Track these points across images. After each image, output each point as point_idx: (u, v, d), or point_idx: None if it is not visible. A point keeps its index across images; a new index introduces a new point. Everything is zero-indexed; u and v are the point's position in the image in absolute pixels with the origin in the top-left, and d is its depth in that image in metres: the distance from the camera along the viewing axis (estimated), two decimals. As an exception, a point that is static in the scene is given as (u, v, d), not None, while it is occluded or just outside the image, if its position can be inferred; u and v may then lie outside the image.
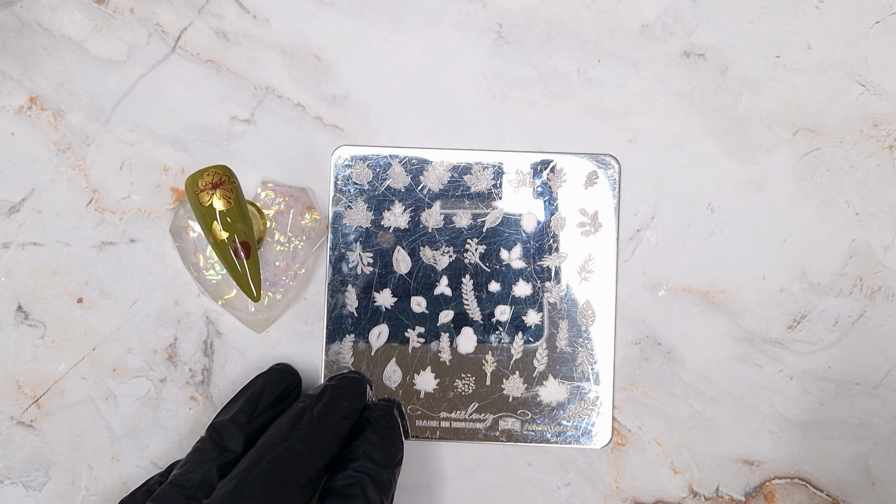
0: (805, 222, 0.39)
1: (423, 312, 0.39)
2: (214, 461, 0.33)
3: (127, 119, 0.39)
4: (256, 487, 0.31)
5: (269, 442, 0.32)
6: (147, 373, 0.38)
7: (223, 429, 0.34)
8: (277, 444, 0.32)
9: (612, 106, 0.39)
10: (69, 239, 0.38)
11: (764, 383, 0.39)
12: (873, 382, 0.39)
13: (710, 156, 0.39)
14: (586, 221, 0.39)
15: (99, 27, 0.39)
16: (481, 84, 0.39)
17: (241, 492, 0.30)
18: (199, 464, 0.33)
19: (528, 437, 0.38)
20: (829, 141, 0.39)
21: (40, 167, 0.38)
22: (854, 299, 0.39)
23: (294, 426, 0.33)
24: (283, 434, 0.33)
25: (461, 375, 0.39)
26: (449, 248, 0.39)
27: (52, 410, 0.38)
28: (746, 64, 0.39)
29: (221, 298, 0.38)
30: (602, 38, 0.39)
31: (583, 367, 0.39)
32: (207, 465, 0.32)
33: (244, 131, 0.39)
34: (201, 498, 0.31)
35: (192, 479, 0.32)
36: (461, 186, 0.39)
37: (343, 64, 0.39)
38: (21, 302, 0.38)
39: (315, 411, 0.34)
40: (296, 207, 0.38)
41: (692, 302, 0.39)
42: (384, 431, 0.35)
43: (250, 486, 0.31)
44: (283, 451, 0.32)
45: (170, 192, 0.39)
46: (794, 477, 0.39)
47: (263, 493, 0.31)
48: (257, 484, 0.31)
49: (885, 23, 0.39)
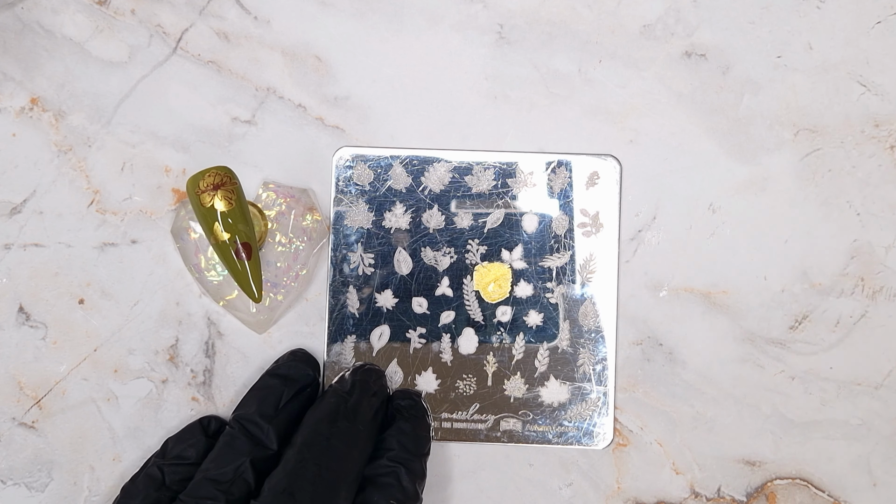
0: (806, 223, 0.39)
1: (424, 313, 0.39)
2: (247, 455, 0.33)
3: (128, 120, 0.39)
4: (306, 490, 0.31)
5: (309, 441, 0.33)
6: (148, 374, 0.38)
7: (251, 423, 0.34)
8: (320, 444, 0.32)
9: (614, 106, 0.39)
10: (70, 240, 0.38)
11: (765, 384, 0.39)
12: (875, 383, 0.39)
13: (712, 156, 0.39)
14: (587, 222, 0.39)
15: (100, 28, 0.39)
16: (482, 84, 0.39)
17: (291, 494, 0.31)
18: (231, 458, 0.33)
19: (530, 437, 0.38)
20: (831, 141, 0.39)
21: (42, 168, 0.38)
22: (855, 299, 0.39)
23: (332, 424, 0.33)
24: (323, 434, 0.33)
25: (462, 376, 0.39)
26: (450, 249, 0.39)
27: (54, 411, 0.38)
28: (748, 64, 0.39)
29: (223, 299, 0.38)
30: (603, 38, 0.39)
31: (584, 367, 0.39)
32: (240, 459, 0.32)
33: (245, 132, 0.39)
34: (237, 493, 0.32)
35: (225, 474, 0.32)
36: (462, 187, 0.39)
37: (344, 65, 0.39)
38: (22, 303, 0.38)
39: (349, 407, 0.34)
40: (297, 208, 0.38)
41: (694, 302, 0.39)
42: (416, 421, 0.36)
43: (301, 489, 0.31)
44: (325, 451, 0.32)
45: (171, 194, 0.39)
46: (795, 477, 0.39)
47: (313, 495, 0.31)
48: (307, 487, 0.31)
49: (886, 23, 0.39)
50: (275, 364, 0.37)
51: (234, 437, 0.33)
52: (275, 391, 0.35)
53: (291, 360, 0.37)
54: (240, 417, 0.34)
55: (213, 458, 0.33)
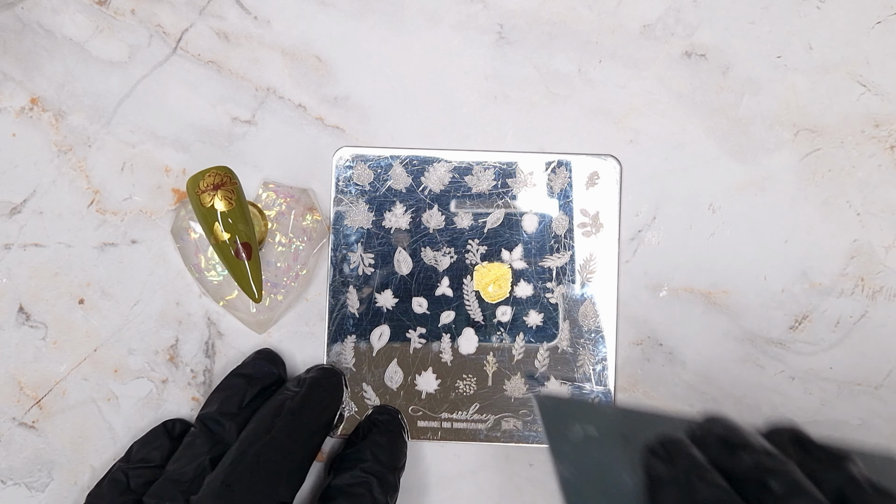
0: (806, 223, 0.39)
1: (424, 313, 0.39)
2: (207, 454, 0.33)
3: (128, 120, 0.39)
4: (244, 481, 0.31)
5: (251, 435, 0.32)
6: (148, 374, 0.38)
7: (213, 421, 0.34)
8: (260, 437, 0.32)
9: (614, 106, 0.39)
10: (70, 240, 0.38)
11: (765, 384, 0.39)
12: (875, 383, 0.39)
13: (712, 156, 0.39)
14: (588, 222, 0.39)
15: (100, 28, 0.39)
16: (482, 85, 0.39)
17: (228, 486, 0.30)
18: (192, 457, 0.33)
19: (530, 437, 0.38)
20: (831, 141, 0.39)
21: (41, 168, 0.38)
22: (855, 300, 0.39)
23: (275, 418, 0.33)
24: (265, 427, 0.33)
25: (462, 376, 0.39)
26: (450, 249, 0.39)
27: (54, 411, 0.38)
28: (748, 64, 0.39)
29: (223, 299, 0.38)
30: (603, 38, 0.39)
31: (584, 367, 0.39)
32: (200, 458, 0.32)
33: (245, 132, 0.39)
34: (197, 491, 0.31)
35: (185, 474, 0.32)
36: (462, 187, 0.39)
37: (344, 65, 0.39)
38: (22, 303, 0.38)
39: (294, 402, 0.34)
40: (297, 208, 0.38)
41: (694, 302, 0.39)
42: (392, 435, 0.36)
43: (238, 481, 0.31)
44: (266, 444, 0.32)
45: (171, 194, 0.39)
46: (795, 477, 0.39)
47: (251, 486, 0.31)
48: (244, 478, 0.31)
49: (886, 23, 0.39)
50: (240, 364, 0.37)
51: (196, 436, 0.33)
52: (238, 390, 0.35)
53: (256, 360, 0.37)
54: (203, 417, 0.34)
55: (176, 458, 0.33)
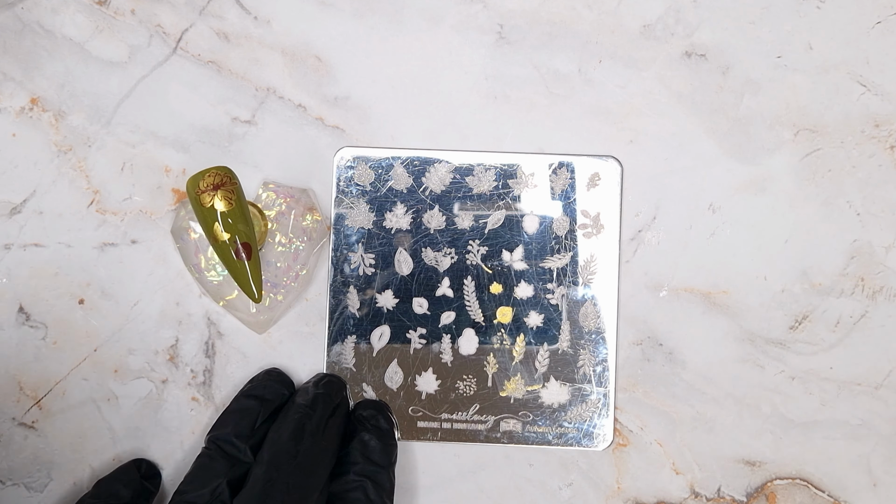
0: (806, 223, 0.39)
1: (424, 314, 0.39)
2: (223, 476, 0.32)
3: (128, 120, 0.39)
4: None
5: (276, 459, 0.32)
6: (148, 374, 0.38)
7: (228, 443, 0.34)
8: (288, 462, 0.32)
9: (614, 106, 0.39)
10: (70, 240, 0.38)
11: (765, 384, 0.39)
12: (875, 383, 0.39)
13: (712, 156, 0.39)
14: (588, 223, 0.39)
15: (100, 28, 0.39)
16: (482, 85, 0.39)
17: None
18: (207, 479, 0.32)
19: (530, 438, 0.38)
20: (831, 141, 0.39)
21: (41, 168, 0.38)
22: (856, 300, 0.39)
23: (298, 442, 0.33)
24: (290, 451, 0.33)
25: (462, 377, 0.39)
26: (451, 250, 0.39)
27: (54, 411, 0.38)
28: (748, 64, 0.39)
29: (223, 299, 0.38)
30: (603, 38, 0.39)
31: (584, 368, 0.39)
32: (217, 480, 0.32)
33: (245, 132, 0.39)
34: None
35: (202, 496, 0.32)
36: (463, 188, 0.39)
37: (344, 65, 0.39)
38: (22, 303, 0.38)
39: (313, 423, 0.34)
40: (297, 208, 0.38)
41: (694, 302, 0.39)
42: (379, 431, 0.36)
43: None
44: (294, 469, 0.32)
45: (171, 194, 0.39)
46: (795, 477, 0.39)
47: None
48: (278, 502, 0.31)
49: (886, 23, 0.39)
50: (250, 384, 0.37)
51: (211, 458, 0.33)
52: (251, 412, 0.35)
53: (267, 380, 0.36)
54: (216, 438, 0.34)
55: (190, 479, 0.33)
